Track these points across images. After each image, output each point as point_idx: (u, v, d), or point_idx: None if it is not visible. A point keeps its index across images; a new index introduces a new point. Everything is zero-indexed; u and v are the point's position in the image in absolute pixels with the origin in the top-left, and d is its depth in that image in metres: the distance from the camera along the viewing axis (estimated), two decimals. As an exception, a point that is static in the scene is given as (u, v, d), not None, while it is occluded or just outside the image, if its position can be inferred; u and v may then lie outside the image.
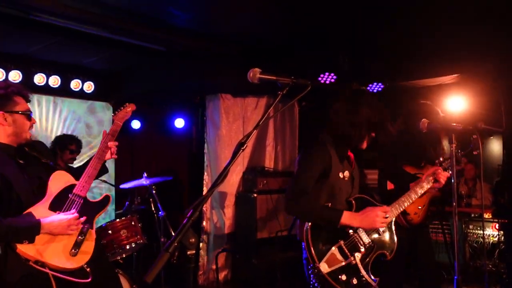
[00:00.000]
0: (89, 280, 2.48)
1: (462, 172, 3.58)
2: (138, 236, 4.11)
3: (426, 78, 5.30)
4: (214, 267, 5.84)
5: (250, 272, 5.71)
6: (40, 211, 2.50)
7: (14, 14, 3.57)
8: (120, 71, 5.77)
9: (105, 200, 2.80)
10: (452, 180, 2.68)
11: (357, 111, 2.47)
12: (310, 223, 2.40)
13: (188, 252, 1.28)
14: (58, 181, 2.67)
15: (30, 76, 5.06)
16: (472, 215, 5.85)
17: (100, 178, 5.51)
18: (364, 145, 2.60)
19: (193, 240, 1.46)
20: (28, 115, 2.63)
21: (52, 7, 3.52)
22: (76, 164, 4.75)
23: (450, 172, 2.85)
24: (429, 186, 2.82)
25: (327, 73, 4.93)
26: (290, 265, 5.07)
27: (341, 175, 2.51)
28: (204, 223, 6.02)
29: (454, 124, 2.59)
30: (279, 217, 5.78)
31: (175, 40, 4.35)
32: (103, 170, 3.07)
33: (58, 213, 2.53)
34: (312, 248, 2.33)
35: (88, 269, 2.51)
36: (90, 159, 2.84)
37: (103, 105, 6.07)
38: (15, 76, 4.89)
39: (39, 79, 5.15)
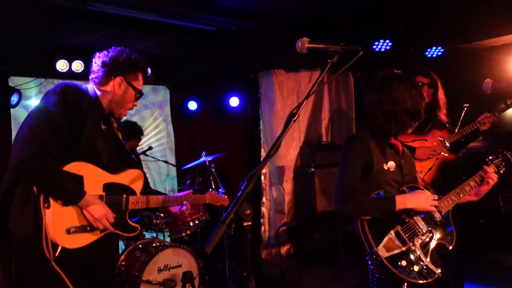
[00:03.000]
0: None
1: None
2: (201, 213, 4.25)
3: (490, 38, 4.94)
4: (276, 242, 5.96)
5: (312, 246, 5.75)
6: (98, 177, 2.33)
7: (73, 6, 3.74)
8: (175, 55, 5.89)
9: (133, 229, 2.51)
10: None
11: (387, 99, 2.37)
12: None
13: (244, 224, 1.30)
14: (135, 179, 2.51)
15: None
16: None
17: (162, 159, 5.73)
18: (409, 131, 2.48)
19: (248, 211, 1.48)
20: (138, 95, 2.52)
21: (106, -4, 3.67)
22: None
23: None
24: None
25: (382, 40, 4.74)
26: (352, 238, 5.04)
27: (385, 166, 2.41)
28: (264, 199, 6.11)
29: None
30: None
31: (225, 20, 4.38)
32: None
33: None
34: (368, 233, 2.26)
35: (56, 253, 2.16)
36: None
37: (161, 89, 6.26)
38: (77, 66, 5.11)
39: (99, 67, 5.36)
